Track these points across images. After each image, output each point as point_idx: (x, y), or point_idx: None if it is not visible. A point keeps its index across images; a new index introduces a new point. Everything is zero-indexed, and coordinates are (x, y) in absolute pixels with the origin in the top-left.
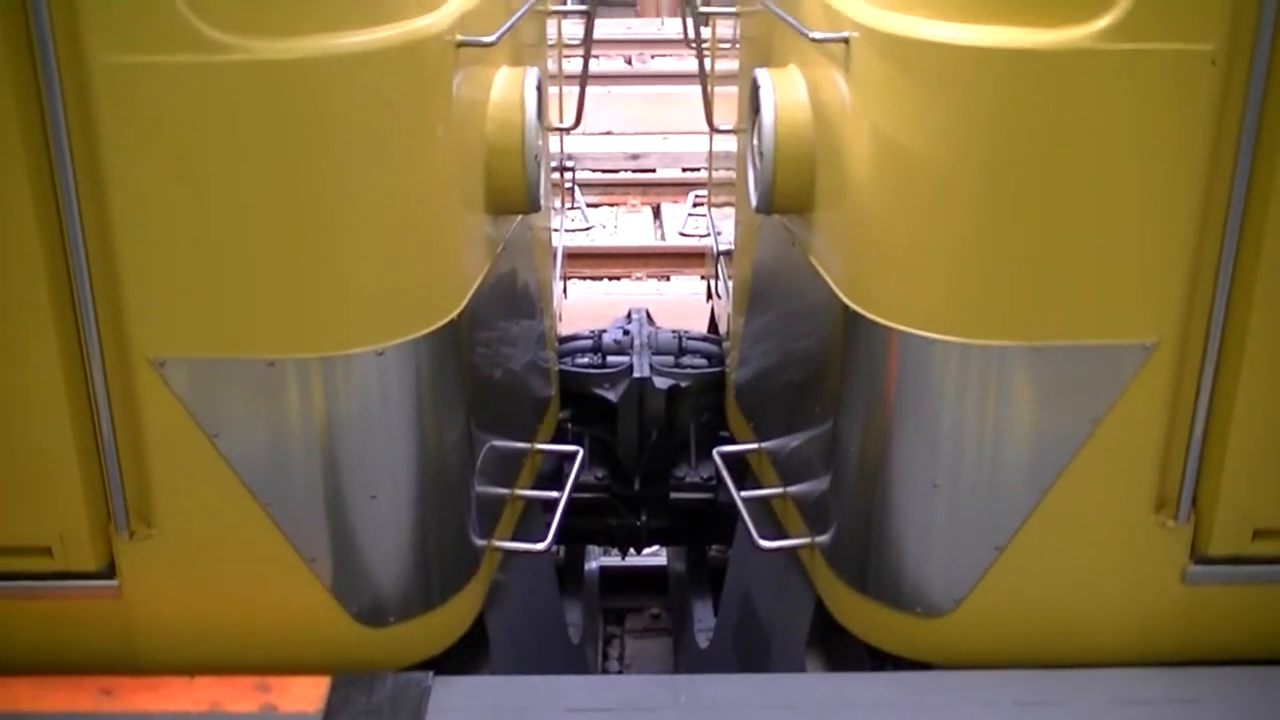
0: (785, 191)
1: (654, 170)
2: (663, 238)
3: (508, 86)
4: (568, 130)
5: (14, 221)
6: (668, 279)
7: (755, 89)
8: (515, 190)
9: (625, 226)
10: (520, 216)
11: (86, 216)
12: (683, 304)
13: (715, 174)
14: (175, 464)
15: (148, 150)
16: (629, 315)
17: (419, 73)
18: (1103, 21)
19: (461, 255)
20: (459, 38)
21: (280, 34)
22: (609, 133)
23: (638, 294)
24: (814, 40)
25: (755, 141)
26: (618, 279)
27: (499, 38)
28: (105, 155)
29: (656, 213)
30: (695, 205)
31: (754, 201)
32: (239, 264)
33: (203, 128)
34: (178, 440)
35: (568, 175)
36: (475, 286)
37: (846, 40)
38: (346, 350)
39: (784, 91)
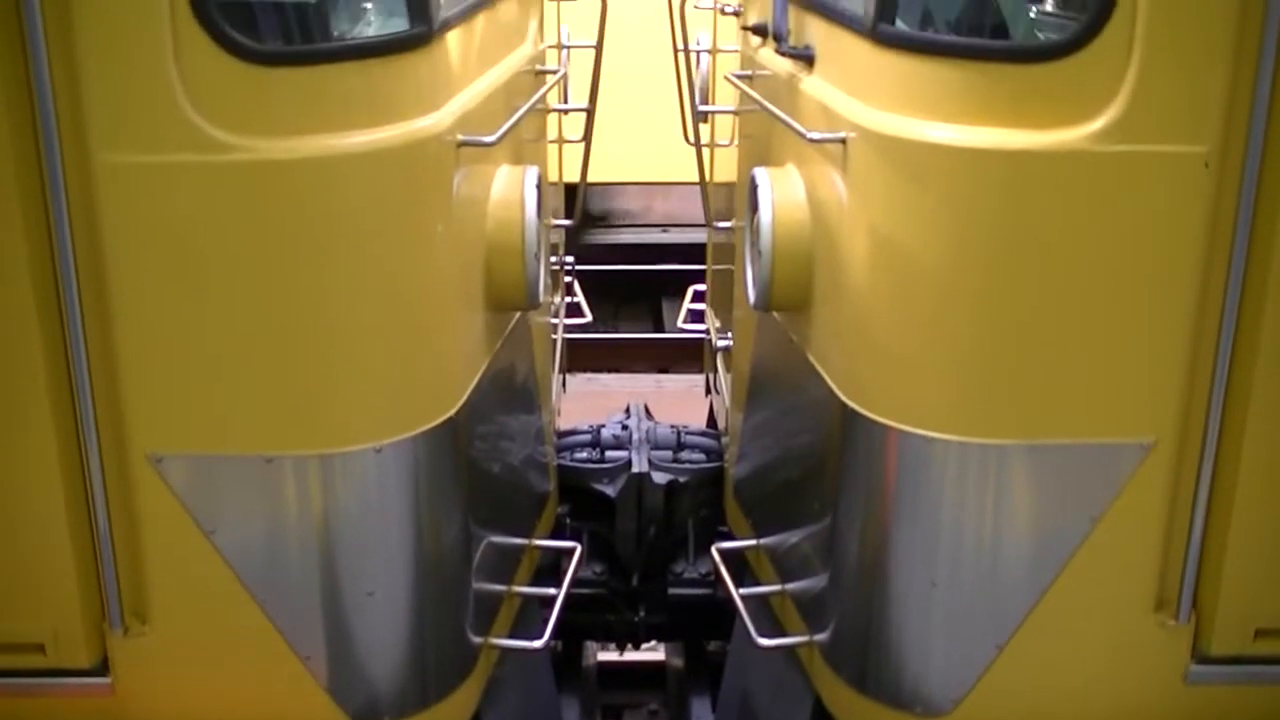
0: (783, 289)
1: (654, 262)
2: (662, 329)
3: (508, 185)
4: (568, 226)
5: (15, 316)
6: (667, 371)
7: (754, 187)
8: (515, 288)
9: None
10: (519, 312)
11: (87, 312)
12: (682, 397)
13: (714, 270)
14: (171, 560)
15: (149, 247)
16: (627, 410)
17: (420, 172)
18: (1098, 123)
19: (460, 352)
20: (460, 137)
21: (283, 134)
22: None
23: (637, 387)
24: (812, 141)
25: (753, 239)
26: (617, 371)
27: (499, 138)
28: (107, 252)
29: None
30: (694, 300)
31: (752, 299)
32: (238, 361)
33: (205, 226)
34: (174, 536)
35: (567, 265)
36: (474, 383)
37: (844, 141)
38: (345, 447)
39: (782, 190)
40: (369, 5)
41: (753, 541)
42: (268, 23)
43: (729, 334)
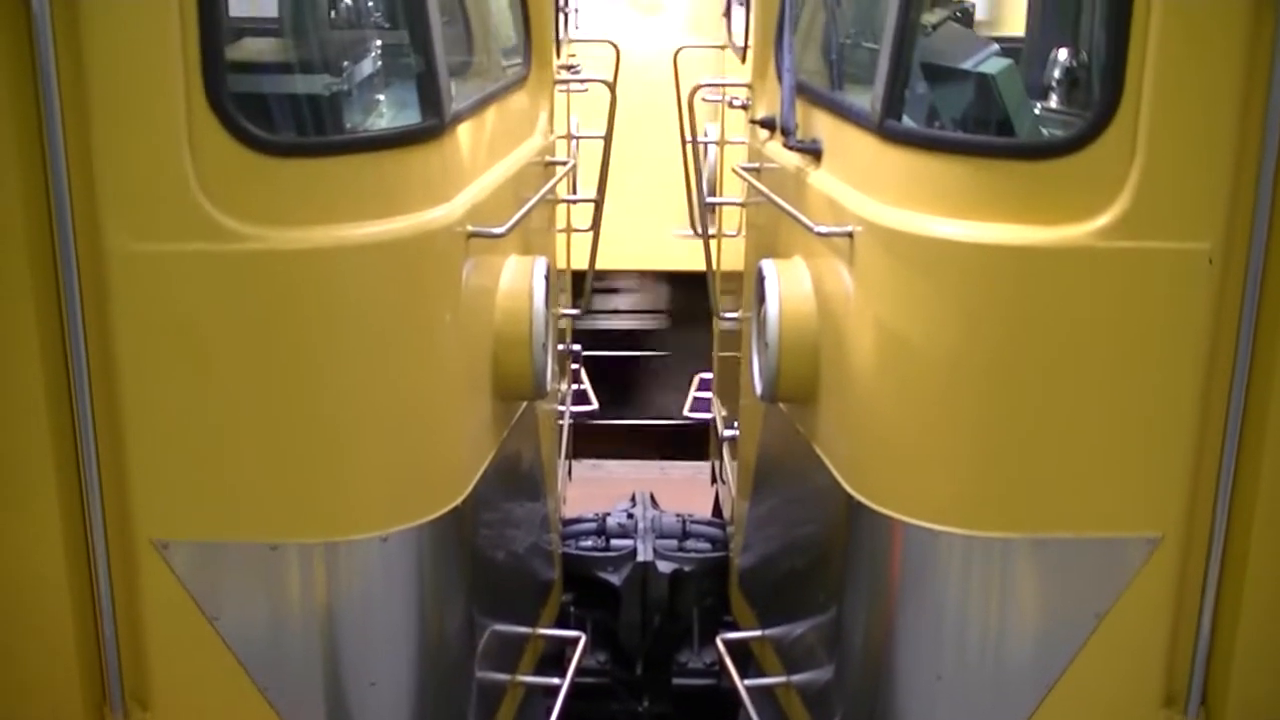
0: (790, 381)
1: (657, 351)
2: (668, 416)
3: (517, 276)
4: (576, 315)
5: (24, 397)
6: (672, 458)
7: (761, 280)
8: (522, 378)
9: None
10: (527, 401)
11: (96, 396)
12: (687, 484)
13: (720, 357)
14: (174, 646)
15: (159, 334)
16: (633, 498)
17: (429, 263)
18: (1102, 219)
19: (467, 441)
20: (469, 229)
21: (295, 224)
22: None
23: (642, 473)
24: (819, 234)
25: (760, 331)
26: (622, 457)
27: (509, 230)
28: (117, 337)
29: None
30: (700, 388)
31: (758, 390)
32: (245, 448)
33: (215, 314)
34: (177, 622)
35: (574, 352)
36: (480, 472)
37: (850, 234)
38: (350, 536)
39: (789, 283)
40: (381, 97)
41: (758, 632)
42: (282, 114)
43: (735, 423)
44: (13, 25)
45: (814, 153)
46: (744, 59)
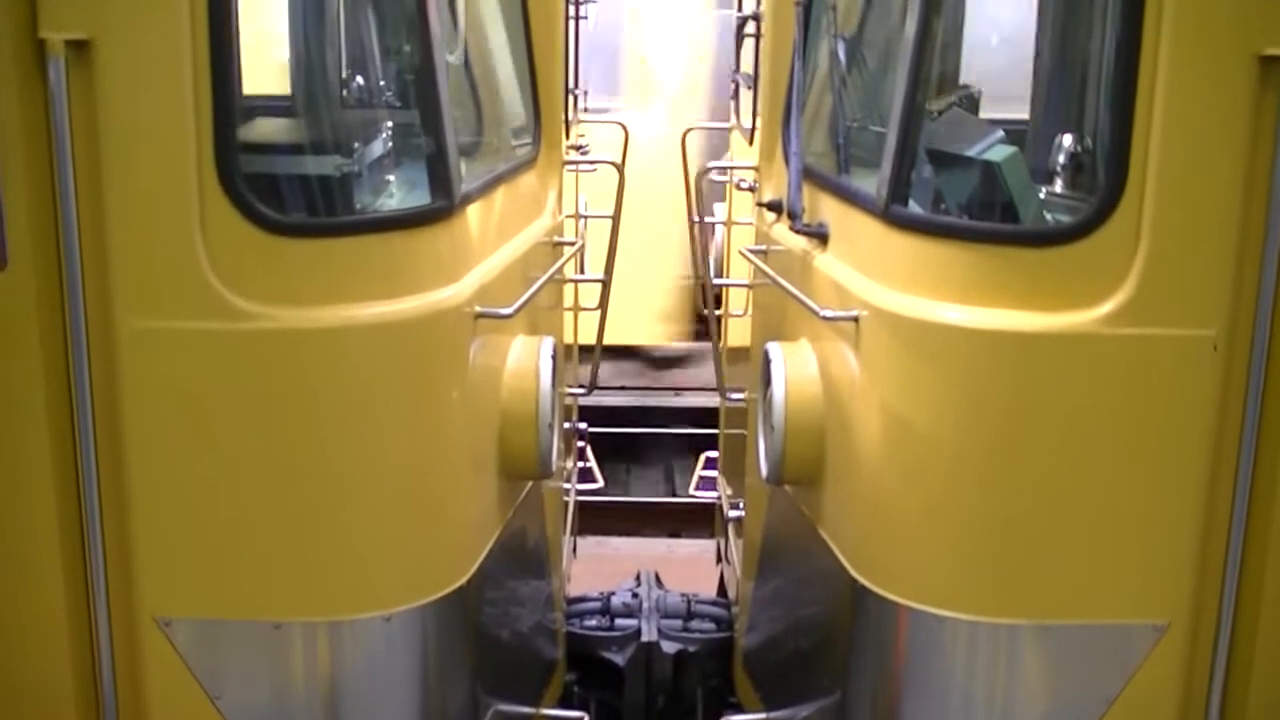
0: (795, 464)
1: (665, 426)
2: (674, 493)
3: (524, 355)
4: (582, 394)
5: (30, 473)
6: (678, 536)
7: (767, 362)
8: (528, 458)
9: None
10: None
11: (102, 472)
12: (693, 562)
13: (726, 435)
14: None
15: (167, 411)
16: (637, 577)
17: (437, 343)
18: (1106, 307)
19: (472, 521)
20: (477, 309)
21: (304, 303)
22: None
23: (647, 551)
24: (825, 319)
25: (766, 414)
26: (627, 535)
27: (516, 310)
28: (125, 413)
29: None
30: (706, 466)
31: (764, 472)
32: (250, 526)
33: (223, 391)
34: (179, 700)
35: (580, 430)
36: (485, 551)
37: (856, 319)
38: (354, 615)
39: (795, 366)
40: (391, 177)
41: (762, 715)
42: (293, 194)
43: (740, 503)
44: (29, 101)
45: (820, 236)
46: (751, 141)
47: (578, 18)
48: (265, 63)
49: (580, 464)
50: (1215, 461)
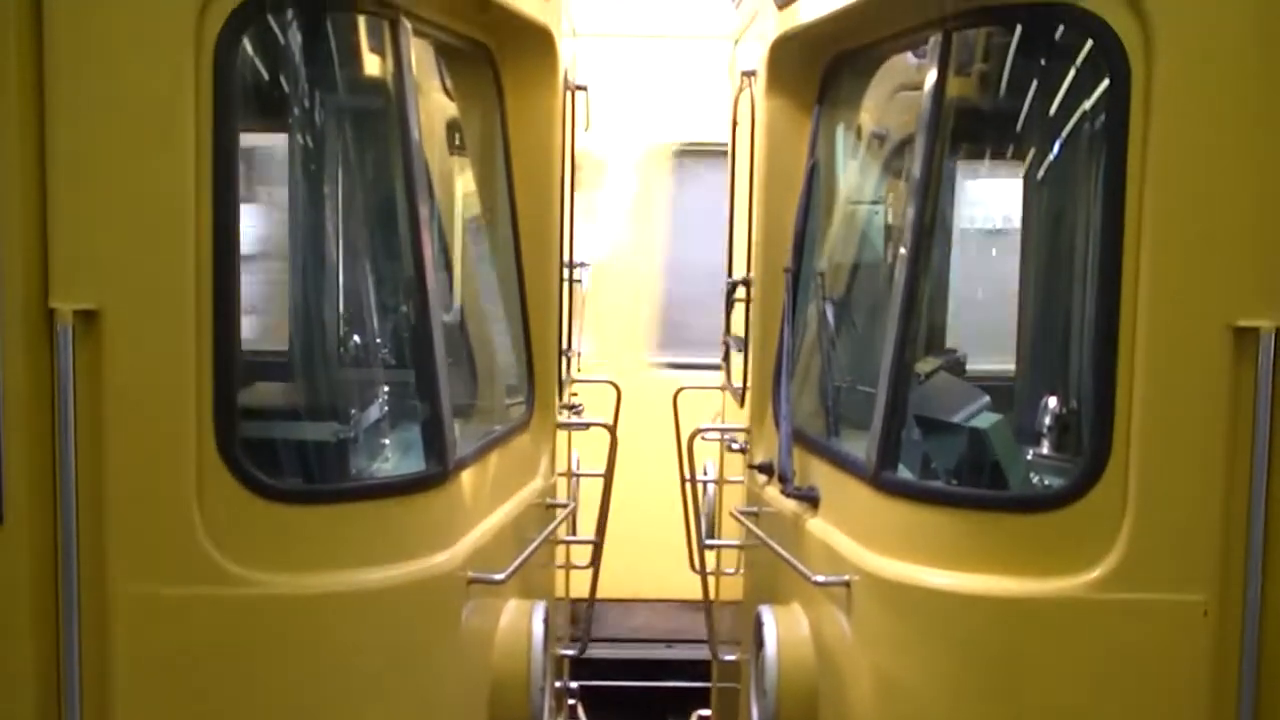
0: None
1: (658, 679)
2: None
3: (516, 619)
4: (576, 655)
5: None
6: None
7: (759, 625)
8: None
9: None
10: None
11: None
12: None
13: (718, 688)
14: None
15: (158, 675)
16: None
17: (430, 609)
18: (1095, 571)
19: None
20: (470, 574)
21: (299, 569)
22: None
23: None
24: (816, 583)
25: (758, 677)
26: None
27: (509, 576)
28: (115, 677)
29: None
30: None
31: None
32: None
33: (217, 656)
34: None
35: (571, 689)
36: None
37: (847, 583)
38: None
39: (787, 629)
40: (387, 441)
41: None
42: (289, 461)
43: None
44: (35, 366)
45: (811, 500)
46: (742, 403)
47: (572, 280)
48: (264, 319)
49: None
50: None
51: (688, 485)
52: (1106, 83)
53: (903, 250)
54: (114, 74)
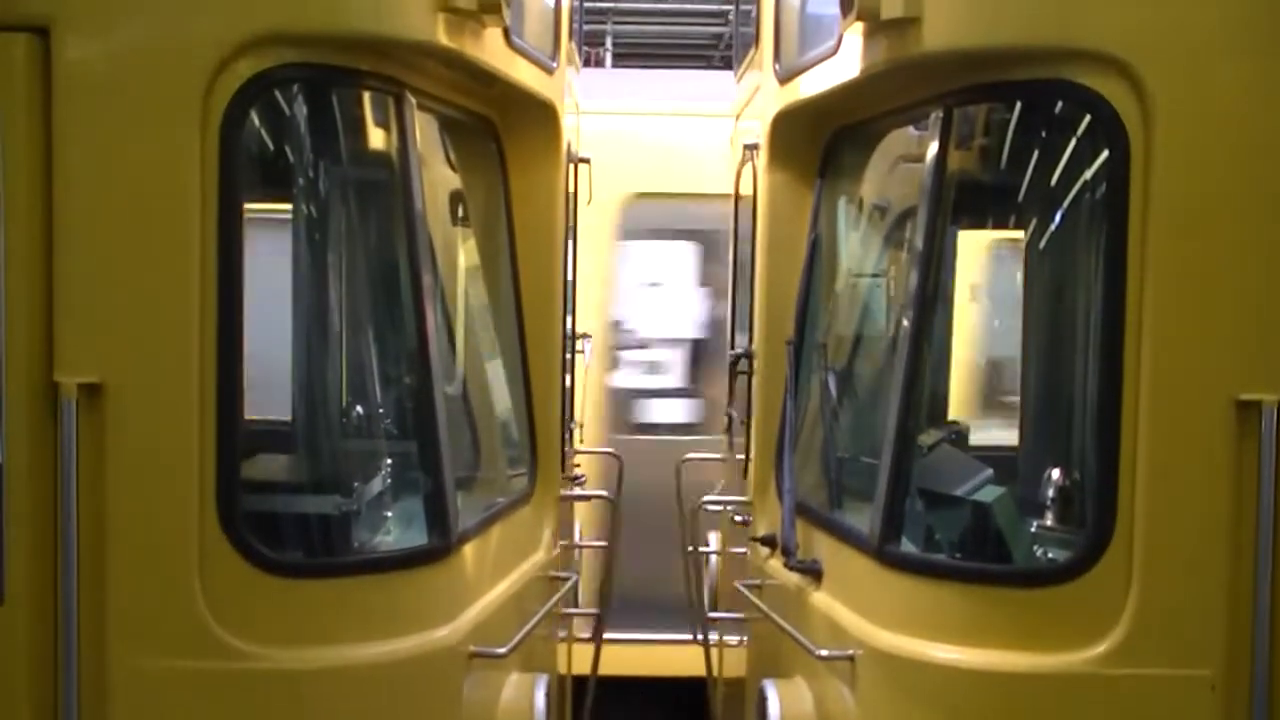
0: None
1: None
2: None
3: (517, 693)
4: None
5: None
6: None
7: (763, 700)
8: None
9: None
10: None
11: None
12: None
13: None
14: None
15: None
16: None
17: (432, 682)
18: (1101, 646)
19: None
20: (472, 649)
21: (301, 643)
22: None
23: None
24: (820, 657)
25: None
26: None
27: (510, 650)
28: None
29: None
30: None
31: None
32: None
33: None
34: None
35: None
36: None
37: (851, 657)
38: None
39: (790, 706)
40: (390, 513)
41: None
42: (292, 535)
43: None
44: (38, 439)
45: (815, 573)
46: (745, 474)
47: (574, 352)
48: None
49: None
50: None
51: (690, 556)
52: (1105, 155)
53: (904, 322)
54: (120, 149)
